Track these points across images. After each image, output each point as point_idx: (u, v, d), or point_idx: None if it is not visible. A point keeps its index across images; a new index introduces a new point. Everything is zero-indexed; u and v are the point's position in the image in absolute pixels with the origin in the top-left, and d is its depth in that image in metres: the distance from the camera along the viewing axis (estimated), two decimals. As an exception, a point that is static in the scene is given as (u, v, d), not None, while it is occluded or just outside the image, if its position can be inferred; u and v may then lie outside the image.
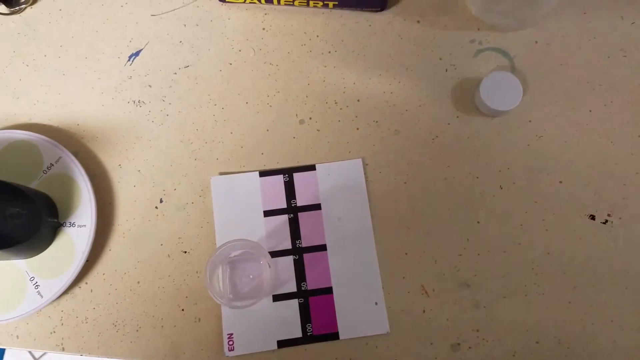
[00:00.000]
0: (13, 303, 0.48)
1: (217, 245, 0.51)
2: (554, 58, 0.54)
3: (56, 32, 0.57)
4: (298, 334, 0.50)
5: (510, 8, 0.52)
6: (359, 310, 0.50)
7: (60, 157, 0.51)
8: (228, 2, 0.56)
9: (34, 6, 0.57)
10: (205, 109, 0.55)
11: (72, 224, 0.50)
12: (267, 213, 0.52)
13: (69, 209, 0.50)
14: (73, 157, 0.51)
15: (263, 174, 0.53)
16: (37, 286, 0.48)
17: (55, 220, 0.49)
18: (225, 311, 0.49)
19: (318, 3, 0.54)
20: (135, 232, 0.52)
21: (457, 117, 0.53)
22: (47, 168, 0.51)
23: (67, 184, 0.51)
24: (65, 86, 0.56)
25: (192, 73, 0.55)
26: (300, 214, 0.52)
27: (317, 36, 0.56)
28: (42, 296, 0.48)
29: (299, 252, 0.51)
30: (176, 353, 0.49)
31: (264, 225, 0.51)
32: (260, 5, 0.56)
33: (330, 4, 0.54)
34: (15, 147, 0.52)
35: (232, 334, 0.49)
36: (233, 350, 0.48)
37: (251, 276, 0.48)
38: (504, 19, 0.54)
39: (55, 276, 0.49)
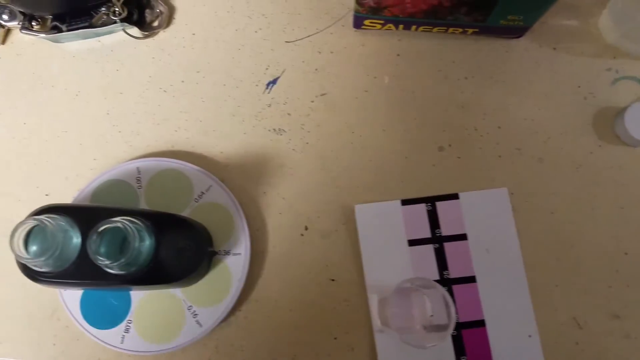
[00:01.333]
0: (173, 332, 0.49)
1: (366, 275, 0.52)
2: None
3: (192, 58, 0.57)
4: None
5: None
6: (512, 343, 0.50)
7: (210, 186, 0.52)
8: (362, 28, 0.57)
9: (167, 30, 0.58)
10: (344, 137, 0.55)
11: (227, 252, 0.51)
12: (412, 242, 0.53)
13: (222, 237, 0.51)
14: (224, 185, 0.52)
15: (405, 202, 0.53)
16: (195, 315, 0.49)
17: (212, 249, 0.50)
18: (380, 341, 0.50)
19: (457, 29, 0.55)
20: (283, 259, 0.52)
21: (600, 146, 0.54)
22: (198, 197, 0.52)
23: (219, 213, 0.52)
24: (205, 113, 0.56)
25: (328, 100, 0.56)
26: (445, 244, 0.53)
27: (453, 62, 0.57)
28: (201, 325, 0.49)
29: (447, 284, 0.51)
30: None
31: (408, 254, 0.52)
32: (395, 31, 0.56)
33: (470, 30, 0.54)
34: (165, 175, 0.52)
35: (387, 364, 0.50)
36: (389, 381, 0.49)
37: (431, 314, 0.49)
38: (638, 48, 0.54)
39: (212, 304, 0.50)
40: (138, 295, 0.49)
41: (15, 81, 0.56)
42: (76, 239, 0.42)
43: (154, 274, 0.45)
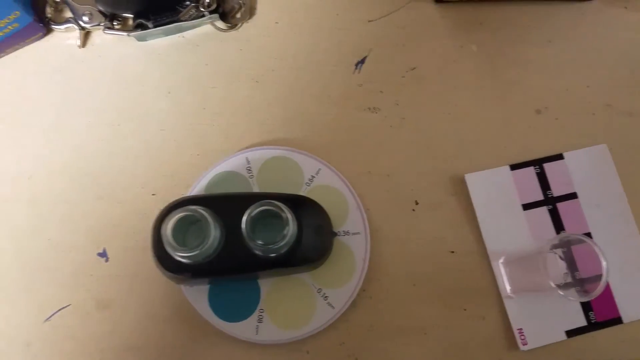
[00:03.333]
0: (306, 317, 0.48)
1: (487, 244, 0.53)
2: None
3: (278, 46, 0.56)
4: (582, 322, 0.50)
5: None
6: (635, 293, 0.51)
7: (319, 169, 0.52)
8: (443, 1, 0.58)
9: (250, 21, 0.58)
10: (439, 108, 0.55)
11: (347, 233, 0.51)
12: (526, 206, 0.53)
13: (338, 218, 0.51)
14: (333, 168, 0.53)
15: (514, 167, 0.54)
16: (325, 297, 0.49)
17: (333, 230, 0.49)
18: (511, 307, 0.50)
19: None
20: (398, 235, 0.52)
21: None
22: (309, 180, 0.52)
23: (332, 194, 0.51)
24: (300, 100, 0.55)
25: (419, 74, 0.56)
26: (558, 205, 0.54)
27: (533, 27, 0.57)
28: (333, 307, 0.49)
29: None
30: (470, 353, 0.50)
31: (524, 219, 0.53)
32: (474, 2, 0.57)
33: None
34: (274, 162, 0.51)
35: (521, 329, 0.50)
36: (526, 344, 0.50)
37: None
38: None
39: (341, 285, 0.49)
40: (266, 284, 0.48)
41: (102, 84, 0.54)
42: (218, 229, 0.42)
43: (298, 255, 0.44)
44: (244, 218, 0.40)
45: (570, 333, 0.49)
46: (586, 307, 0.50)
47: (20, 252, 0.51)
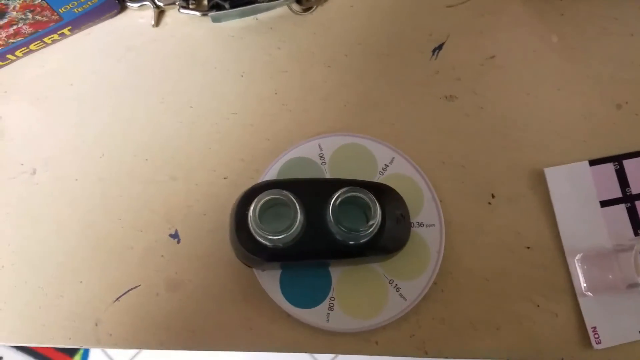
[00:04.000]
0: (377, 307, 0.48)
1: (563, 240, 0.52)
2: None
3: (352, 30, 0.55)
4: None
5: None
6: None
7: (393, 158, 0.52)
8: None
9: (325, 4, 0.57)
10: (518, 99, 0.54)
11: (421, 224, 0.50)
12: (604, 203, 0.52)
13: (413, 208, 0.50)
14: (407, 157, 0.52)
15: (593, 162, 0.53)
16: (397, 289, 0.49)
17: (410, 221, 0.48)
18: (585, 305, 0.49)
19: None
20: (473, 228, 0.51)
21: None
22: (383, 169, 0.51)
23: (406, 184, 0.50)
24: (371, 85, 0.55)
25: (498, 63, 0.55)
26: (637, 203, 0.52)
27: (616, 19, 0.55)
28: (405, 299, 0.49)
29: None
30: (543, 350, 0.49)
31: (602, 216, 0.52)
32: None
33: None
34: (347, 150, 0.51)
35: (595, 327, 0.49)
36: (600, 343, 0.49)
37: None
38: None
39: (413, 278, 0.49)
40: (337, 272, 0.48)
41: (175, 64, 0.54)
42: (302, 213, 0.42)
43: (379, 244, 0.44)
44: (332, 202, 0.40)
45: (646, 334, 0.46)
46: (662, 307, 0.46)
47: (90, 231, 0.52)
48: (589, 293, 0.49)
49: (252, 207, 0.39)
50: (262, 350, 0.49)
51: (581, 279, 0.49)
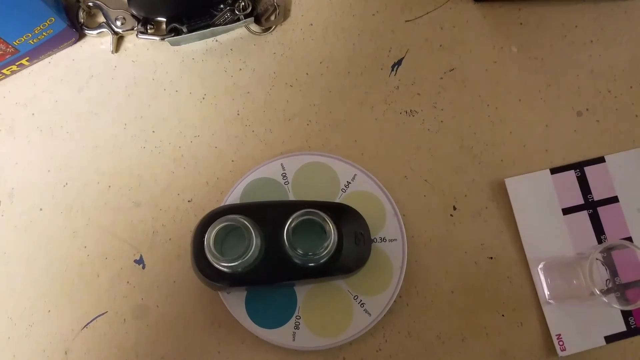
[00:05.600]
0: (343, 324, 0.49)
1: (526, 249, 0.54)
2: None
3: (313, 49, 0.57)
4: (622, 328, 0.51)
5: None
6: None
7: (355, 175, 0.53)
8: (482, 0, 0.58)
9: (284, 23, 0.59)
10: (479, 111, 0.56)
11: (383, 239, 0.52)
12: (566, 211, 0.54)
13: (375, 224, 0.52)
14: (369, 173, 0.54)
15: (554, 170, 0.55)
16: (362, 304, 0.51)
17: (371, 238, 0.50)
18: (550, 313, 0.51)
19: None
20: (436, 242, 0.53)
21: None
22: (345, 186, 0.53)
23: (368, 200, 0.52)
24: (334, 103, 0.56)
25: (458, 76, 0.57)
26: (599, 209, 0.54)
27: (576, 26, 0.57)
28: (370, 314, 0.50)
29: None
30: (507, 359, 0.51)
31: (564, 224, 0.53)
32: (514, 1, 0.57)
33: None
34: (310, 169, 0.52)
35: (560, 335, 0.51)
36: (565, 350, 0.51)
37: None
38: None
39: (377, 293, 0.50)
40: (303, 290, 0.49)
41: (136, 89, 0.56)
42: (259, 238, 0.44)
43: (337, 264, 0.45)
44: (286, 227, 0.41)
45: (610, 338, 0.50)
46: (626, 312, 0.50)
47: (56, 260, 0.53)
48: (553, 301, 0.50)
49: (206, 236, 0.40)
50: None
51: (545, 287, 0.50)
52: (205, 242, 0.40)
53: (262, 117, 0.55)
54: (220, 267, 0.41)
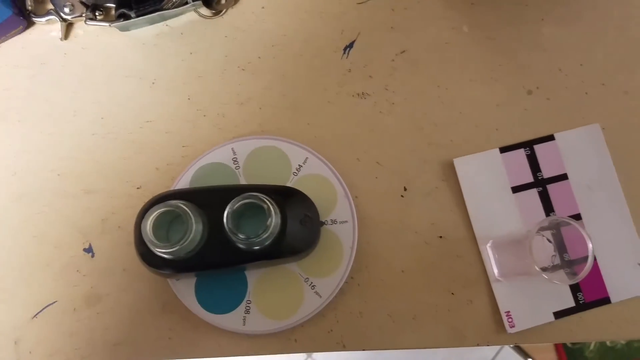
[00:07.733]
0: (294, 306, 0.50)
1: (475, 228, 0.54)
2: None
3: (265, 32, 0.57)
4: (571, 303, 0.52)
5: None
6: (624, 273, 0.52)
7: (307, 158, 0.53)
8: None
9: (235, 6, 0.58)
10: (431, 92, 0.56)
11: (334, 222, 0.52)
12: (515, 189, 0.54)
13: (326, 207, 0.52)
14: (320, 156, 0.54)
15: (503, 150, 0.55)
16: (313, 286, 0.51)
17: (320, 220, 0.50)
18: (499, 290, 0.51)
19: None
20: (387, 222, 0.53)
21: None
22: (297, 170, 0.53)
23: (320, 183, 0.52)
24: (288, 86, 0.56)
25: (409, 57, 0.57)
26: (548, 186, 0.54)
27: (527, 5, 0.58)
28: (320, 296, 0.50)
29: (556, 226, 0.50)
30: (459, 337, 0.51)
31: (514, 201, 0.54)
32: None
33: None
34: (261, 153, 0.52)
35: (509, 312, 0.52)
36: (514, 326, 0.51)
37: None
38: None
39: (328, 274, 0.51)
40: (254, 275, 0.50)
41: (86, 75, 0.56)
42: (200, 223, 0.43)
43: (283, 247, 0.46)
44: (226, 212, 0.41)
45: (559, 314, 0.51)
46: (575, 288, 0.51)
47: (5, 249, 0.53)
48: (502, 278, 0.50)
49: (142, 222, 0.40)
50: (185, 357, 0.51)
51: (494, 265, 0.51)
52: (142, 229, 0.39)
53: (215, 101, 0.55)
54: (161, 254, 0.40)
